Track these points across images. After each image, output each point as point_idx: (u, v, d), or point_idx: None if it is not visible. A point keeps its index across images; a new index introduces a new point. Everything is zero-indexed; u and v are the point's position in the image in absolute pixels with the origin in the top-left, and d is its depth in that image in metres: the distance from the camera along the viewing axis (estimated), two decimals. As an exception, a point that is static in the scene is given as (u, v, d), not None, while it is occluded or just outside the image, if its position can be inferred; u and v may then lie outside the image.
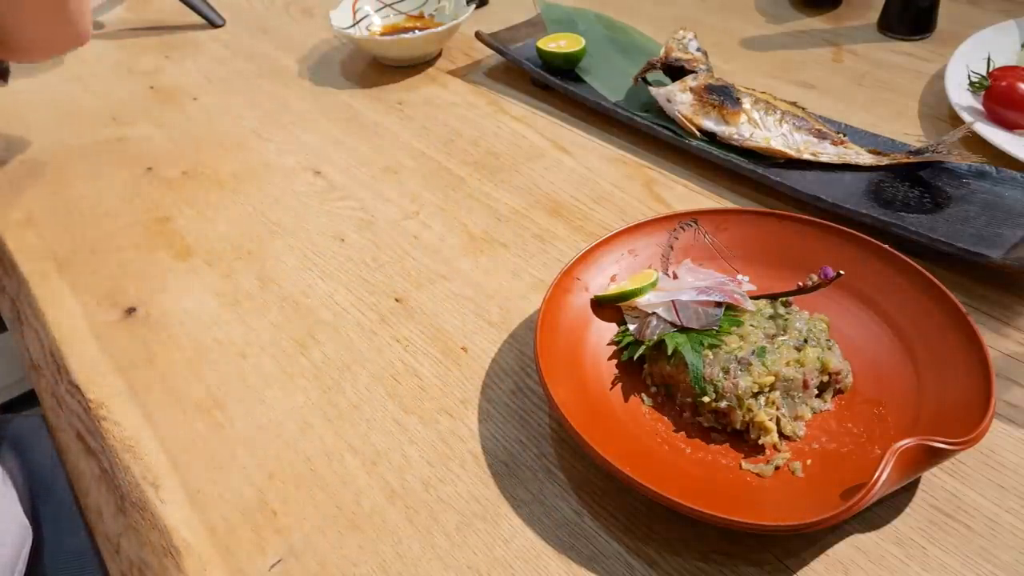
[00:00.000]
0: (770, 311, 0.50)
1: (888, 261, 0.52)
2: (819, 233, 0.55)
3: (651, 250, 0.56)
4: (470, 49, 0.92)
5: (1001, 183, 0.61)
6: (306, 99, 0.86)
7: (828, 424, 0.47)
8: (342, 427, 0.50)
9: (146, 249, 0.66)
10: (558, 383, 0.46)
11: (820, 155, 0.66)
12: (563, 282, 0.52)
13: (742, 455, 0.45)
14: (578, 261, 0.54)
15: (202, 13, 1.04)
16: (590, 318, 0.53)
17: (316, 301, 0.60)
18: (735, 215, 0.57)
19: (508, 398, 0.51)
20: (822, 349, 0.47)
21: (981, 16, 0.87)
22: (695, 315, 0.50)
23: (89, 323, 0.59)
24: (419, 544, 0.43)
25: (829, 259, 0.52)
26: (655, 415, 0.48)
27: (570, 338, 0.51)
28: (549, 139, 0.76)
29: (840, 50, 0.86)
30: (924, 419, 0.44)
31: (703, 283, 0.52)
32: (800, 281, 0.50)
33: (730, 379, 0.46)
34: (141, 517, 0.47)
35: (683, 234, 0.57)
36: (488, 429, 0.49)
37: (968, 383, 0.44)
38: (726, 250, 0.56)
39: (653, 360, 0.49)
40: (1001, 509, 0.43)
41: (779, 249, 0.55)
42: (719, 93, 0.70)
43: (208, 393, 0.53)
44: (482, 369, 0.53)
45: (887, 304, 0.51)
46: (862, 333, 0.51)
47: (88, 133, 0.83)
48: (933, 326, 0.48)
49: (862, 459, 0.44)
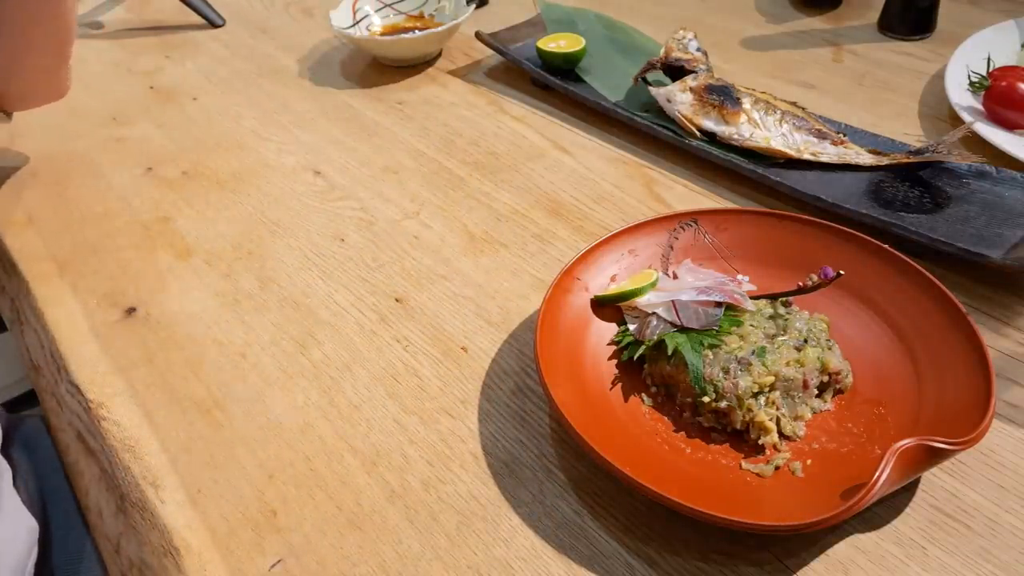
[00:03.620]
0: (770, 311, 0.50)
1: (887, 261, 0.52)
2: (818, 233, 0.55)
3: (651, 250, 0.56)
4: (470, 49, 0.92)
5: (1001, 183, 0.61)
6: (306, 99, 0.86)
7: (828, 424, 0.46)
8: (342, 427, 0.50)
9: (146, 249, 0.66)
10: (558, 384, 0.46)
11: (820, 155, 0.66)
12: (563, 282, 0.52)
13: (742, 455, 0.45)
14: (578, 261, 0.54)
15: (202, 13, 1.04)
16: (590, 318, 0.53)
17: (316, 301, 0.60)
18: (735, 215, 0.57)
19: (508, 398, 0.51)
20: (822, 349, 0.47)
21: (981, 16, 0.87)
22: (695, 315, 0.50)
23: (89, 323, 0.59)
24: (419, 544, 0.43)
25: (829, 259, 0.52)
26: (655, 415, 0.48)
27: (570, 338, 0.51)
28: (549, 139, 0.76)
29: (840, 50, 0.86)
30: (924, 419, 0.44)
31: (703, 283, 0.52)
32: (800, 281, 0.50)
33: (730, 379, 0.45)
34: (141, 517, 0.47)
35: (683, 234, 0.57)
36: (488, 429, 0.49)
37: (968, 383, 0.44)
38: (726, 250, 0.56)
39: (653, 360, 0.49)
40: (1001, 509, 0.43)
41: (779, 249, 0.55)
42: (719, 93, 0.70)
43: (208, 393, 0.53)
44: (482, 369, 0.53)
45: (886, 304, 0.51)
46: (862, 333, 0.51)
47: (88, 133, 0.83)
48: (933, 326, 0.48)
49: (862, 459, 0.44)
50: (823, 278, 0.49)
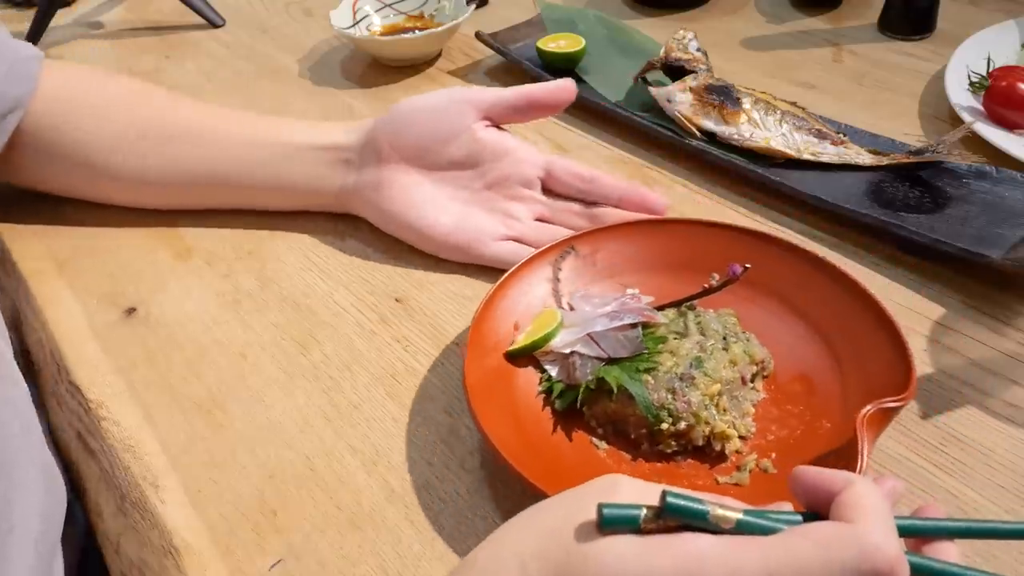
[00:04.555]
0: (680, 319, 0.50)
1: (766, 244, 0.53)
2: (689, 231, 0.55)
3: (542, 286, 0.54)
4: (470, 49, 0.92)
5: (1001, 183, 0.61)
6: (306, 99, 0.86)
7: (770, 412, 0.47)
8: (342, 427, 0.50)
9: (146, 249, 0.66)
10: (512, 454, 0.42)
11: (820, 155, 0.66)
12: (475, 343, 0.48)
13: (711, 468, 0.45)
14: (478, 320, 0.50)
15: (202, 13, 1.04)
16: (512, 372, 0.49)
17: (316, 301, 0.60)
18: (608, 231, 0.56)
19: (508, 398, 0.51)
20: (743, 342, 0.48)
21: (981, 16, 0.87)
22: (618, 343, 0.48)
23: (89, 323, 0.59)
24: (419, 544, 0.43)
25: (706, 254, 0.53)
26: (614, 454, 0.46)
27: (503, 402, 0.47)
28: (549, 139, 0.76)
29: (840, 50, 0.86)
30: (852, 384, 0.46)
31: (607, 307, 0.50)
32: (706, 283, 0.50)
33: (680, 398, 0.44)
34: (141, 517, 0.47)
35: (564, 263, 0.55)
36: (488, 429, 0.49)
37: (879, 339, 0.46)
38: (611, 268, 0.55)
39: (593, 401, 0.47)
40: (1001, 509, 0.43)
41: (657, 255, 0.55)
42: (719, 93, 0.70)
43: (208, 393, 0.53)
44: (482, 369, 0.53)
45: (777, 284, 0.52)
46: (763, 316, 0.51)
47: (88, 133, 0.82)
48: (826, 295, 0.50)
49: (818, 436, 0.45)
50: (731, 275, 0.49)
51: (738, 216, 0.64)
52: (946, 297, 0.55)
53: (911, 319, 0.54)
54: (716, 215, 0.64)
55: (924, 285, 0.56)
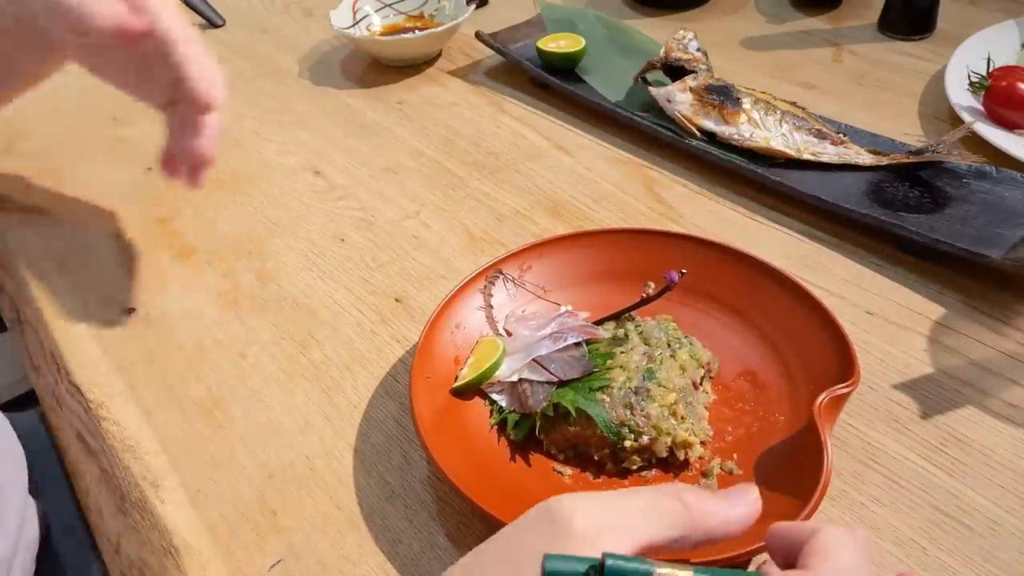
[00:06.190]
0: (620, 331, 0.49)
1: (688, 245, 0.54)
2: (611, 241, 0.55)
3: (475, 315, 0.53)
4: (470, 49, 0.92)
5: (1001, 183, 0.61)
6: (306, 99, 0.86)
7: (722, 412, 0.47)
8: (342, 427, 0.50)
9: (146, 249, 0.66)
10: (479, 495, 0.41)
11: (820, 155, 0.66)
12: (417, 387, 0.47)
13: (675, 477, 0.44)
14: (418, 360, 0.48)
15: (202, 13, 1.04)
16: (461, 408, 0.48)
17: (316, 301, 0.60)
18: (532, 250, 0.55)
19: (508, 398, 0.51)
20: (688, 346, 0.48)
21: (981, 16, 0.87)
22: (567, 364, 0.47)
23: (89, 323, 0.59)
24: (419, 544, 0.44)
25: (632, 261, 0.54)
26: (578, 478, 0.45)
27: (459, 442, 0.45)
28: (549, 139, 0.76)
29: (840, 50, 0.86)
30: (797, 375, 0.47)
31: (547, 329, 0.50)
32: (641, 291, 0.50)
33: (639, 413, 0.44)
34: (141, 517, 0.47)
35: (494, 288, 0.54)
36: (488, 429, 0.49)
37: (815, 328, 0.47)
38: (541, 286, 0.55)
39: (550, 428, 0.46)
40: (1001, 509, 0.43)
41: (585, 268, 0.55)
42: (719, 93, 0.70)
43: (208, 393, 0.53)
44: (482, 369, 0.53)
45: (706, 284, 0.52)
46: (696, 317, 0.52)
47: (88, 133, 0.82)
48: (759, 290, 0.51)
49: (774, 430, 0.45)
50: (669, 282, 0.48)
51: (738, 216, 0.64)
52: (946, 297, 0.55)
53: (911, 319, 0.54)
54: (716, 215, 0.64)
55: (924, 285, 0.56)
